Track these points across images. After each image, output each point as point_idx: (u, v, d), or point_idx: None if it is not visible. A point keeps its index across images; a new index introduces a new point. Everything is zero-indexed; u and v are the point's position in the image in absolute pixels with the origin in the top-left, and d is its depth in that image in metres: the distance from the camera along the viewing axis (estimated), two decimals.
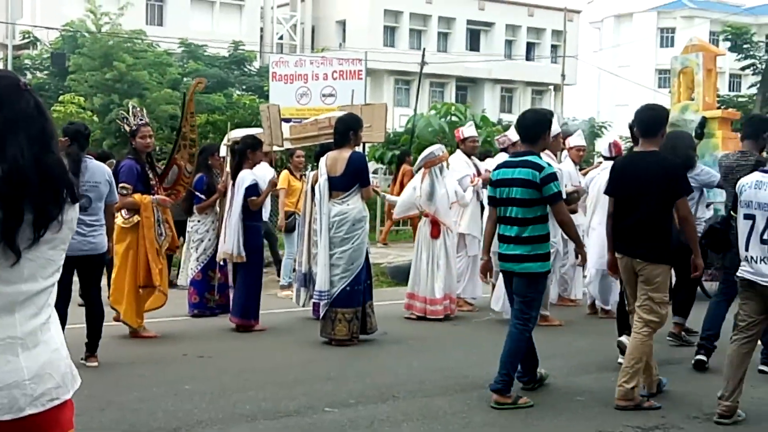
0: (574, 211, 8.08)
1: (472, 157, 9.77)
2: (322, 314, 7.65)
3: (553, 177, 5.67)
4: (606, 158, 9.17)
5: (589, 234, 8.97)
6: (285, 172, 10.76)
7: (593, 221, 8.88)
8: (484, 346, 7.60)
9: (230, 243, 8.20)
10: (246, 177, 8.28)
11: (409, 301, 9.04)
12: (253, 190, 8.25)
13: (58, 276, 2.25)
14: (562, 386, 6.23)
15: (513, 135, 9.52)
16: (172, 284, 9.40)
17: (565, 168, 8.83)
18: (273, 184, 8.82)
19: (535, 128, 5.90)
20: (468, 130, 9.94)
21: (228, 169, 8.85)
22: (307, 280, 8.41)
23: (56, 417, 2.19)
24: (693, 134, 9.05)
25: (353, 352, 7.37)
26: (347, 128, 7.62)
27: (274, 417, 5.36)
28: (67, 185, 2.20)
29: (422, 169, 9.00)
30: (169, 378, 6.33)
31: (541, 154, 8.06)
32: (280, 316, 9.02)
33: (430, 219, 8.86)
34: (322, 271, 7.57)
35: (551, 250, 6.07)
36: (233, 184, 8.36)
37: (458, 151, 9.80)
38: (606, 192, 6.07)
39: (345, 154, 7.56)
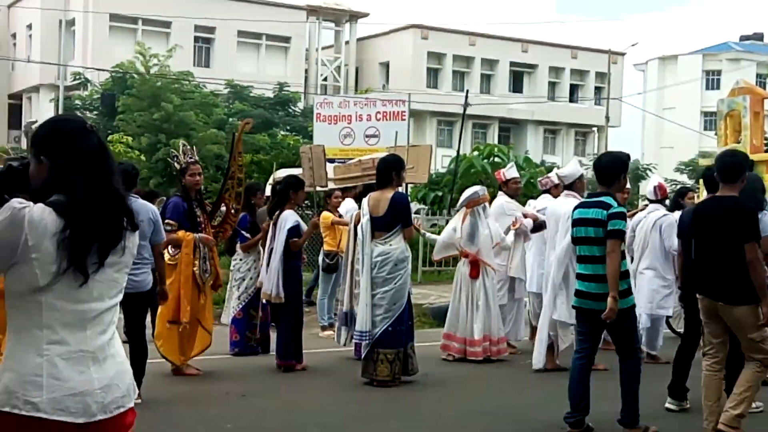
0: None
1: (515, 198, 9.65)
2: (363, 354, 7.62)
3: (618, 215, 5.81)
4: (651, 201, 9.07)
5: (638, 278, 8.83)
6: (326, 213, 10.76)
7: (641, 266, 8.74)
8: (528, 389, 7.51)
9: (269, 284, 8.20)
10: (288, 217, 8.24)
11: (445, 342, 8.93)
12: (294, 231, 8.21)
13: (120, 297, 2.53)
14: None
15: (555, 177, 9.47)
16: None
17: None
18: (315, 225, 8.81)
19: (611, 170, 5.99)
20: (510, 172, 9.71)
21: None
22: (349, 319, 8.37)
23: (122, 422, 2.53)
24: None
25: (395, 393, 7.31)
26: (389, 168, 7.65)
27: None
28: (128, 214, 2.49)
29: (463, 209, 8.97)
30: (211, 417, 6.34)
31: (565, 196, 8.16)
32: (322, 356, 9.00)
33: (470, 259, 8.80)
34: (363, 311, 7.55)
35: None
36: (274, 224, 8.38)
37: (500, 193, 9.60)
38: (686, 234, 6.21)
39: (387, 194, 7.57)
